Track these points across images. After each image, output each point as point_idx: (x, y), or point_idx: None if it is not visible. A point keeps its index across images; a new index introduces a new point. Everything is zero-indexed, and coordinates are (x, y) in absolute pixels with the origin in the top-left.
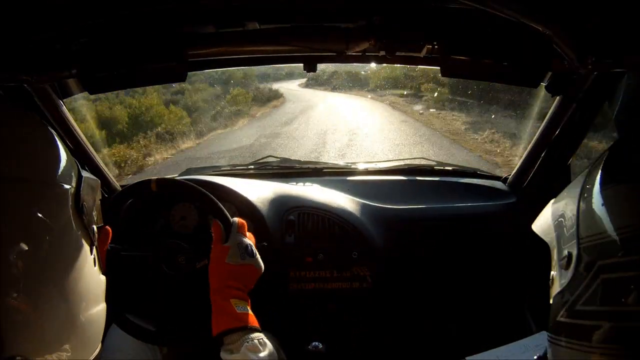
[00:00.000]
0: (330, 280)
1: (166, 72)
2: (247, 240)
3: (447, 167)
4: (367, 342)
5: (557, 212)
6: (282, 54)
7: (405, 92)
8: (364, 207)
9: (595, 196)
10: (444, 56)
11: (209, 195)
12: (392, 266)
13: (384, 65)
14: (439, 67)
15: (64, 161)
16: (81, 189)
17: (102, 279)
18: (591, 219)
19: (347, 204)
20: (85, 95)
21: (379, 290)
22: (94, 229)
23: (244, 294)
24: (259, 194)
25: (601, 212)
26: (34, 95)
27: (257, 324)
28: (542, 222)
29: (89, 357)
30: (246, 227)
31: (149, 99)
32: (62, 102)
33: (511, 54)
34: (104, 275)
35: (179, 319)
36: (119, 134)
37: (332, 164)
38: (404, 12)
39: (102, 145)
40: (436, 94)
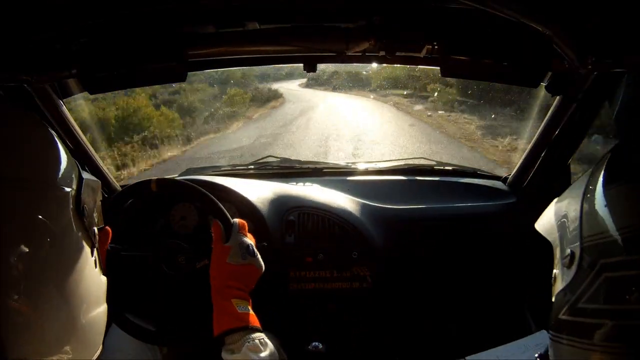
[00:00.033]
0: (330, 280)
1: (166, 72)
2: (247, 240)
3: (447, 167)
4: (367, 342)
5: (561, 212)
6: (282, 54)
7: (409, 92)
8: (364, 207)
9: (597, 196)
10: (444, 56)
11: (209, 195)
12: (392, 266)
13: (386, 65)
14: (439, 67)
15: (65, 163)
16: (82, 191)
17: (102, 280)
18: (594, 219)
19: (347, 204)
20: (84, 95)
21: (379, 290)
22: (95, 230)
23: (245, 294)
24: (259, 194)
25: (603, 212)
26: (34, 95)
27: (258, 324)
28: (545, 221)
29: (90, 358)
30: (247, 227)
31: (136, 100)
32: (62, 102)
33: (511, 54)
34: (104, 276)
35: (179, 319)
36: (106, 138)
37: (332, 164)
38: (404, 12)
39: (102, 145)
40: (436, 94)
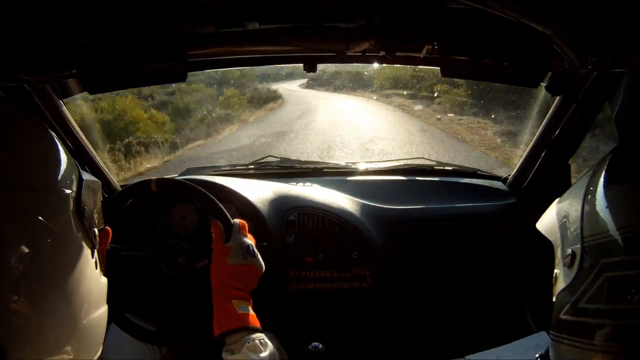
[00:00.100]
0: (330, 280)
1: (166, 72)
2: (248, 240)
3: (447, 167)
4: (367, 342)
5: (562, 212)
6: (282, 54)
7: (412, 93)
8: (364, 207)
9: (598, 196)
10: (444, 56)
11: (209, 195)
12: (392, 266)
13: (387, 65)
14: (439, 67)
15: (65, 165)
16: (82, 192)
17: (103, 282)
18: (594, 219)
19: (347, 204)
20: (83, 96)
21: (379, 290)
22: (95, 232)
23: (245, 294)
24: (259, 194)
25: (604, 212)
26: (34, 95)
27: (258, 324)
28: (547, 221)
29: (91, 359)
30: (247, 227)
31: (123, 102)
32: (62, 102)
33: (511, 54)
34: (105, 276)
35: (179, 319)
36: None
37: (332, 164)
38: (404, 12)
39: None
40: (441, 96)
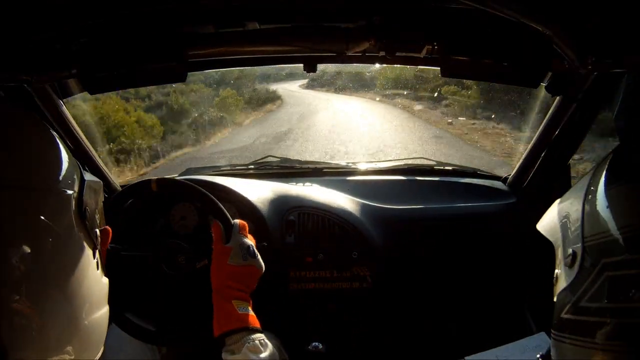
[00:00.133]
0: (330, 280)
1: (166, 72)
2: (248, 241)
3: (447, 167)
4: (367, 342)
5: (562, 212)
6: (282, 54)
7: (418, 95)
8: (364, 207)
9: (599, 197)
10: (444, 56)
11: (210, 195)
12: (392, 266)
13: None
14: (439, 67)
15: (66, 165)
16: (83, 193)
17: (104, 282)
18: (595, 219)
19: (347, 204)
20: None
21: (379, 290)
22: (97, 232)
23: (245, 295)
24: (259, 194)
25: (605, 212)
26: (34, 95)
27: (258, 324)
28: (547, 221)
29: (92, 359)
30: (247, 228)
31: (106, 104)
32: (62, 102)
33: (511, 54)
34: (106, 277)
35: (179, 319)
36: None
37: (333, 164)
38: (404, 12)
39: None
40: (448, 97)
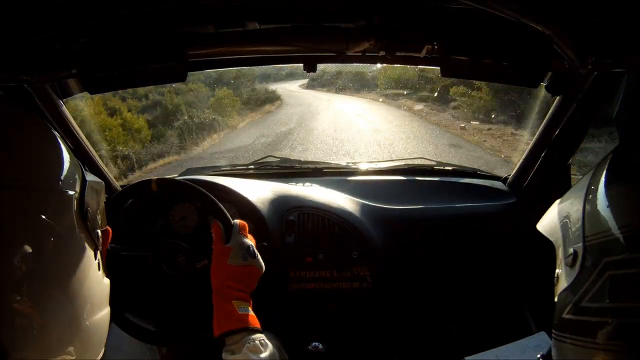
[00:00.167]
0: (330, 280)
1: (166, 72)
2: (248, 241)
3: (447, 167)
4: (367, 342)
5: (563, 212)
6: (282, 54)
7: (423, 95)
8: (364, 207)
9: (600, 196)
10: (444, 56)
11: (210, 195)
12: (392, 266)
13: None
14: (439, 67)
15: (68, 166)
16: (85, 194)
17: (106, 283)
18: (596, 219)
19: (347, 204)
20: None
21: (379, 290)
22: (98, 233)
23: (246, 295)
24: (259, 194)
25: (605, 211)
26: (34, 95)
27: (258, 324)
28: (548, 221)
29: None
30: (247, 228)
31: (88, 106)
32: (62, 102)
33: (511, 54)
34: (107, 277)
35: (179, 319)
36: None
37: (333, 164)
38: (404, 12)
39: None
40: (457, 99)
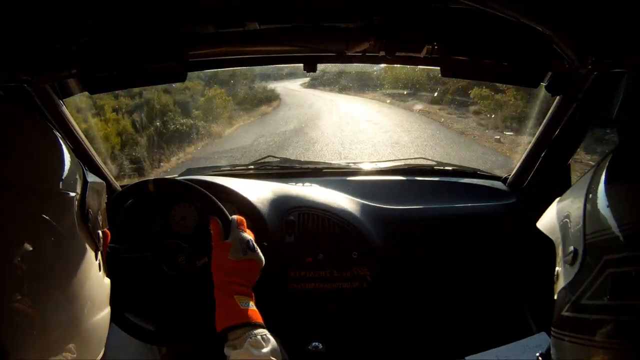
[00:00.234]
0: (330, 280)
1: (166, 72)
2: (247, 235)
3: (447, 167)
4: (367, 342)
5: (563, 211)
6: (282, 54)
7: (436, 97)
8: (364, 207)
9: (600, 195)
10: (444, 56)
11: (207, 193)
12: (392, 266)
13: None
14: (439, 67)
15: (69, 166)
16: (86, 195)
17: (106, 283)
18: (597, 217)
19: (347, 204)
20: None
21: (379, 290)
22: (99, 234)
23: (247, 289)
24: (259, 194)
25: (605, 210)
26: (34, 95)
27: (260, 319)
28: (548, 219)
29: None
30: (245, 223)
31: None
32: (62, 102)
33: (511, 54)
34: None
35: (179, 319)
36: None
37: (333, 164)
38: (404, 12)
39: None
40: (479, 102)
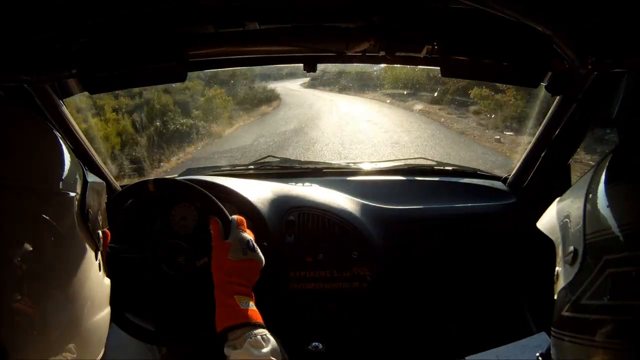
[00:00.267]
0: (330, 280)
1: (166, 72)
2: (247, 235)
3: (447, 167)
4: (367, 342)
5: (563, 211)
6: (282, 54)
7: (436, 97)
8: (364, 207)
9: (600, 195)
10: (444, 56)
11: (206, 193)
12: (392, 266)
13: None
14: (439, 67)
15: (69, 166)
16: (86, 195)
17: (106, 283)
18: (597, 217)
19: (347, 204)
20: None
21: (379, 290)
22: (99, 234)
23: (247, 289)
24: (259, 194)
25: (605, 210)
26: (34, 95)
27: (260, 319)
28: (548, 220)
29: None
30: (245, 223)
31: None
32: (62, 102)
33: (511, 54)
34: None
35: (179, 319)
36: None
37: (333, 164)
38: (404, 12)
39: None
40: (479, 102)
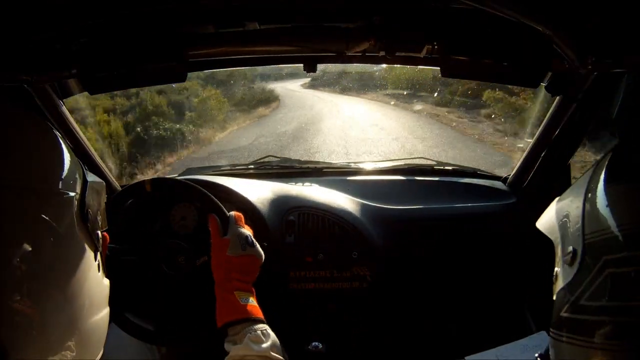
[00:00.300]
0: (330, 280)
1: (166, 72)
2: (245, 231)
3: (447, 167)
4: (367, 342)
5: (562, 211)
6: (282, 54)
7: (442, 99)
8: (364, 207)
9: (599, 195)
10: (444, 56)
11: (204, 191)
12: (392, 266)
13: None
14: (439, 67)
15: (69, 166)
16: (86, 195)
17: (105, 284)
18: (596, 217)
19: (347, 204)
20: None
21: (379, 290)
22: (99, 234)
23: (248, 285)
24: (259, 194)
25: (605, 210)
26: (34, 95)
27: (261, 315)
28: (547, 219)
29: None
30: (243, 218)
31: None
32: (62, 102)
33: (511, 54)
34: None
35: (179, 319)
36: None
37: (333, 163)
38: (404, 12)
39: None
40: (492, 105)
